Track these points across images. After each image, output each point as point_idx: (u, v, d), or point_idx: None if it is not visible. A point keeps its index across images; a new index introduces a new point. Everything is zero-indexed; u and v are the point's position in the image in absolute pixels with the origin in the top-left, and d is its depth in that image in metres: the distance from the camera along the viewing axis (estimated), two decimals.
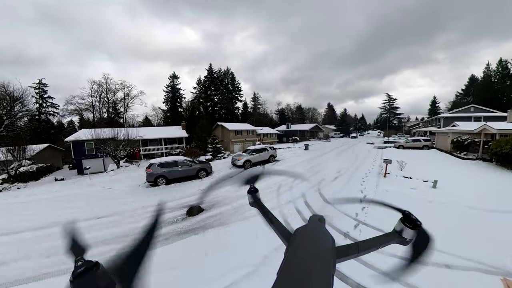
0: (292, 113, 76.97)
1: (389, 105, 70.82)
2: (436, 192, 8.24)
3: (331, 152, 23.50)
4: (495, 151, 12.46)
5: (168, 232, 5.84)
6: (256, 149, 16.82)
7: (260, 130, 38.90)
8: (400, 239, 0.63)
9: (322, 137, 51.38)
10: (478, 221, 5.77)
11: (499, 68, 39.78)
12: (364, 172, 12.42)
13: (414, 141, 24.84)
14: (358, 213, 6.62)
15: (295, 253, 0.50)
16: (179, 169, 12.31)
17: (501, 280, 3.51)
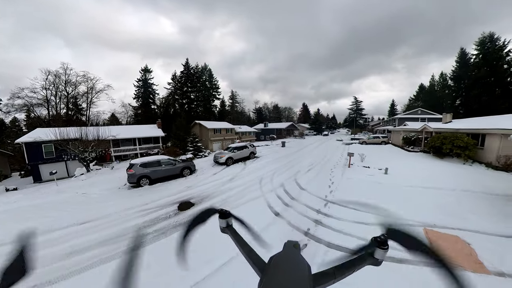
0: (269, 112, 79.40)
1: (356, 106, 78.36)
2: (386, 177, 10.50)
3: (306, 148, 25.70)
4: (431, 145, 15.66)
5: (164, 226, 6.18)
6: (237, 146, 17.67)
7: (238, 128, 39.70)
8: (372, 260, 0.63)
9: (298, 135, 54.58)
10: (413, 194, 7.89)
11: (441, 79, 50.10)
12: (333, 164, 14.50)
13: (375, 137, 28.85)
14: (327, 195, 8.25)
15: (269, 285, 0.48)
16: (163, 168, 12.39)
17: (423, 229, 5.25)
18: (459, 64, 38.75)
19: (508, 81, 31.35)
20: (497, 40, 31.81)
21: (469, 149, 13.21)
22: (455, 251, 4.36)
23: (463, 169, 11.83)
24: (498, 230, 5.15)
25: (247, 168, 14.61)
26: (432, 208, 6.55)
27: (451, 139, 13.93)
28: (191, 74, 47.75)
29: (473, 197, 7.49)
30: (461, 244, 4.60)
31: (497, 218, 5.81)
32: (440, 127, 17.96)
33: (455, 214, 6.09)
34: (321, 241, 5.07)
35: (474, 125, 14.58)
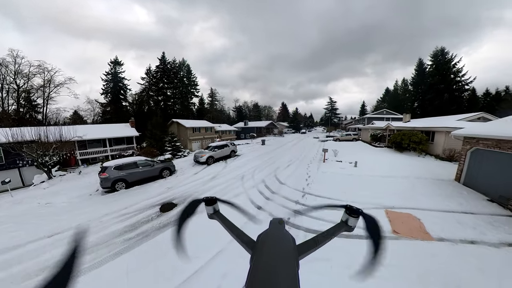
0: (250, 110, 79.71)
1: (331, 106, 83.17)
2: (356, 169, 11.71)
3: (285, 146, 26.66)
4: (393, 141, 17.64)
5: (147, 230, 5.92)
6: (217, 145, 17.58)
7: (218, 127, 39.18)
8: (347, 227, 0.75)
9: (277, 133, 55.92)
10: (377, 183, 9.09)
11: (403, 84, 56.35)
12: (309, 160, 15.45)
13: (347, 135, 31.23)
14: (304, 187, 8.89)
15: (260, 260, 0.51)
16: (140, 170, 11.64)
17: (384, 211, 6.05)
18: (417, 72, 44.58)
19: (454, 88, 37.92)
20: (446, 54, 38.47)
21: (422, 144, 15.46)
22: (408, 226, 5.27)
23: (418, 160, 13.72)
24: (440, 207, 6.33)
25: (228, 166, 14.67)
26: (392, 193, 7.67)
27: (409, 136, 16.03)
28: (168, 69, 44.90)
29: (424, 182, 8.92)
30: (413, 220, 5.59)
31: (440, 198, 7.08)
32: (401, 126, 20.30)
33: (410, 197, 7.23)
34: (300, 227, 5.57)
35: (427, 124, 17.09)
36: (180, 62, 50.70)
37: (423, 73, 42.66)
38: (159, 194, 9.40)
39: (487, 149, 7.48)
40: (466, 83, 37.88)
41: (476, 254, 4.16)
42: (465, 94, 39.56)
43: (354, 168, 11.91)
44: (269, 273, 0.46)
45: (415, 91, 45.45)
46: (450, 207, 6.33)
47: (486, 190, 7.36)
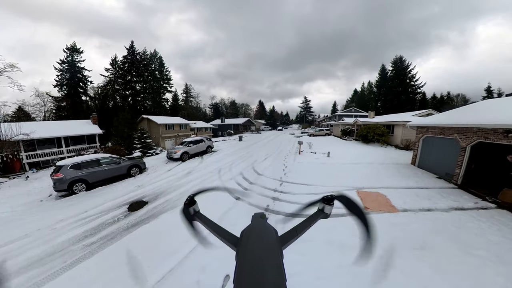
0: (226, 108, 78.32)
1: (306, 105, 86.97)
2: (329, 158, 12.48)
3: (262, 141, 26.90)
4: (360, 134, 19.21)
5: (112, 232, 5.34)
6: (193, 140, 16.75)
7: (193, 124, 37.50)
8: (324, 214, 0.80)
9: (254, 130, 56.26)
10: (348, 169, 9.87)
11: (368, 86, 63.01)
12: (286, 153, 15.85)
13: (320, 130, 33.15)
14: (282, 176, 9.04)
15: (245, 255, 0.52)
16: (104, 168, 10.32)
17: (356, 191, 6.48)
18: (381, 76, 50.37)
19: (409, 91, 44.98)
20: (404, 61, 45.20)
21: (384, 136, 17.33)
22: (377, 202, 5.86)
23: (381, 150, 15.26)
24: (402, 185, 7.25)
25: (204, 161, 14.12)
26: (361, 177, 8.41)
27: (373, 129, 17.79)
28: (137, 61, 40.57)
29: (387, 167, 9.99)
30: (381, 197, 6.22)
31: (400, 178, 8.06)
32: (367, 121, 22.25)
33: (376, 179, 8.04)
34: (279, 213, 5.65)
35: (388, 119, 19.47)
36: (152, 53, 46.49)
37: (385, 77, 48.50)
38: (127, 193, 8.48)
39: (435, 136, 8.70)
40: (418, 87, 45.01)
41: (432, 218, 4.95)
42: (418, 96, 46.34)
43: (327, 158, 12.65)
44: (255, 267, 0.47)
45: (378, 93, 51.28)
46: (409, 185, 7.25)
47: (435, 170, 8.58)
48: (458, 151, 7.28)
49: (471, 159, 7.02)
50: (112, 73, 39.56)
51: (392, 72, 46.47)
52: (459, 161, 7.19)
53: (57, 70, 33.52)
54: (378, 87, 51.01)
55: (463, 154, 7.08)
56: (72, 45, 34.26)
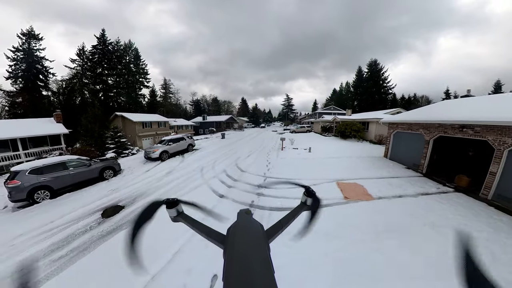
0: (208, 105, 76.32)
1: (288, 103, 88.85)
2: (310, 154, 12.97)
3: (245, 139, 26.88)
4: (338, 130, 20.24)
5: (84, 242, 4.81)
6: (172, 138, 15.93)
7: (173, 122, 35.85)
8: (306, 207, 0.85)
9: (237, 127, 55.93)
10: (328, 162, 10.37)
11: (346, 86, 66.24)
12: (269, 149, 16.06)
13: (301, 127, 34.21)
14: (265, 172, 9.19)
15: (233, 252, 0.52)
16: (72, 172, 9.11)
17: (336, 183, 6.84)
18: (357, 77, 53.79)
19: (382, 92, 49.32)
20: (378, 64, 49.29)
21: (360, 132, 18.55)
22: (355, 192, 6.29)
23: (357, 145, 16.26)
24: (376, 175, 7.85)
25: (185, 160, 13.57)
26: (340, 169, 8.93)
27: (351, 126, 18.96)
28: (109, 52, 36.61)
29: (362, 160, 10.73)
30: (359, 187, 6.69)
31: (375, 169, 8.72)
32: (345, 118, 23.49)
33: (354, 171, 8.60)
34: (264, 208, 5.71)
35: (363, 117, 20.87)
36: (126, 44, 42.64)
37: (361, 78, 52.09)
38: (100, 198, 7.72)
39: (403, 131, 9.55)
40: (390, 88, 49.40)
41: (404, 203, 5.51)
42: (389, 96, 50.58)
43: (309, 153, 13.15)
44: (243, 262, 0.47)
45: (355, 92, 54.80)
46: (383, 175, 7.89)
47: (404, 161, 9.43)
48: (423, 144, 8.09)
49: (434, 151, 7.86)
50: (79, 65, 35.23)
51: (367, 74, 50.27)
52: (424, 153, 8.01)
53: (9, 59, 28.82)
54: (355, 87, 54.56)
55: (427, 146, 7.89)
56: (29, 30, 29.67)
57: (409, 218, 4.73)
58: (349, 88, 61.34)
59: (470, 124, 5.95)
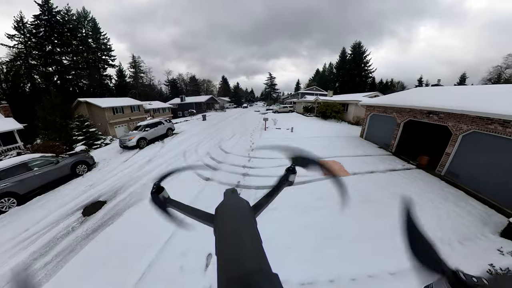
0: (186, 85, 71.39)
1: (271, 82, 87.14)
2: (292, 133, 13.61)
3: (227, 120, 26.49)
4: (320, 111, 20.90)
5: (69, 244, 4.55)
6: (149, 123, 14.75)
7: (148, 105, 33.09)
8: (288, 182, 0.90)
9: (218, 108, 54.20)
10: (309, 141, 11.12)
11: (329, 67, 65.82)
12: (252, 129, 16.33)
13: (284, 107, 34.48)
14: (250, 153, 9.45)
15: (222, 228, 0.56)
16: (37, 173, 8.14)
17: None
18: (341, 58, 53.85)
19: (363, 75, 50.60)
20: (362, 47, 49.34)
21: (340, 113, 19.41)
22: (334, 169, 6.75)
23: (337, 125, 17.17)
24: (352, 154, 8.65)
25: (166, 146, 13.02)
26: (321, 148, 9.63)
27: (331, 107, 19.64)
28: (58, 23, 30.12)
29: (341, 139, 11.54)
30: (337, 164, 7.41)
31: (352, 148, 9.52)
32: (326, 99, 24.14)
33: (333, 149, 9.35)
34: (251, 187, 6.04)
35: (344, 98, 21.58)
36: (80, 13, 35.53)
37: (344, 60, 52.34)
38: (78, 197, 7.21)
39: (379, 113, 10.28)
40: (370, 72, 50.85)
41: (375, 178, 6.31)
42: (369, 80, 52.29)
43: (291, 133, 13.74)
44: (233, 237, 0.51)
45: (337, 74, 55.50)
46: (358, 153, 8.71)
47: (377, 141, 10.35)
48: (394, 127, 8.89)
49: (403, 133, 8.71)
50: (21, 42, 28.66)
51: (350, 56, 50.78)
52: (395, 134, 8.86)
53: None
54: (338, 69, 55.14)
55: (398, 129, 8.70)
56: None
57: (378, 191, 5.45)
58: (332, 69, 61.80)
59: (436, 111, 6.65)
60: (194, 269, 3.43)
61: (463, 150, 5.90)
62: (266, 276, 0.40)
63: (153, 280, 3.35)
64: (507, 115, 4.55)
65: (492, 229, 3.98)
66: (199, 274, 3.34)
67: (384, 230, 3.89)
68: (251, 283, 0.37)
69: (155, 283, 3.31)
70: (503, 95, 5.97)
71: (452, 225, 4.08)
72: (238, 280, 0.39)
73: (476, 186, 5.36)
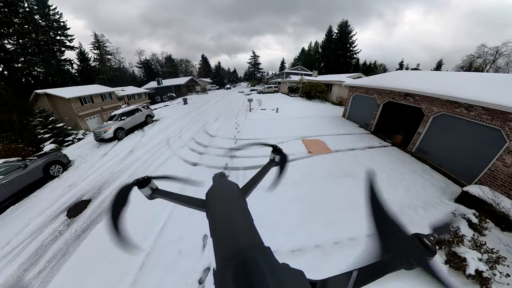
0: (162, 66, 65.73)
1: (254, 61, 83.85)
2: (277, 114, 13.91)
3: (210, 102, 25.70)
4: (304, 91, 21.08)
5: (60, 249, 4.40)
6: (125, 112, 13.55)
7: (121, 91, 30.23)
8: (275, 163, 0.95)
9: (200, 90, 51.85)
10: (294, 122, 11.47)
11: (315, 46, 64.36)
12: (237, 111, 16.23)
13: (268, 88, 34.18)
14: (236, 135, 9.56)
15: (215, 211, 0.58)
16: (4, 181, 7.18)
17: (301, 140, 7.89)
18: (327, 37, 52.81)
19: (348, 55, 50.79)
20: (349, 26, 48.64)
21: (324, 93, 19.81)
22: (317, 147, 7.51)
23: (321, 105, 17.64)
24: (335, 132, 9.29)
25: (147, 134, 12.35)
26: (305, 127, 10.15)
27: (316, 87, 19.87)
28: None
29: (324, 119, 12.12)
30: (320, 143, 7.92)
31: (335, 127, 10.13)
32: (311, 79, 24.21)
33: (316, 129, 9.91)
34: (239, 168, 6.24)
35: (328, 79, 21.73)
36: None
37: (331, 39, 51.57)
38: (58, 199, 6.75)
39: (361, 94, 10.74)
40: (355, 52, 50.97)
41: (355, 155, 6.92)
42: (353, 61, 52.69)
43: (276, 113, 13.98)
44: (226, 219, 0.54)
45: (323, 53, 54.93)
46: (340, 132, 9.36)
47: (358, 121, 10.99)
48: (374, 107, 9.43)
49: (382, 113, 9.31)
50: None
51: (337, 35, 50.16)
52: (374, 114, 9.45)
53: None
54: (324, 48, 54.45)
55: (377, 109, 9.25)
56: None
57: (357, 166, 6.04)
58: (318, 49, 60.77)
59: (412, 93, 7.15)
60: (192, 251, 3.64)
61: (432, 130, 6.56)
62: (259, 250, 0.44)
63: (154, 267, 3.50)
64: (471, 100, 5.07)
65: (449, 197, 4.71)
66: (198, 255, 3.56)
67: (361, 200, 4.40)
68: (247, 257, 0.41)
69: (156, 269, 3.47)
70: (471, 82, 6.57)
71: (418, 194, 4.73)
72: (234, 256, 0.42)
73: (440, 162, 6.13)
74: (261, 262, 0.40)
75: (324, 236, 3.65)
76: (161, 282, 3.21)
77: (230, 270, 0.39)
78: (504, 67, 30.63)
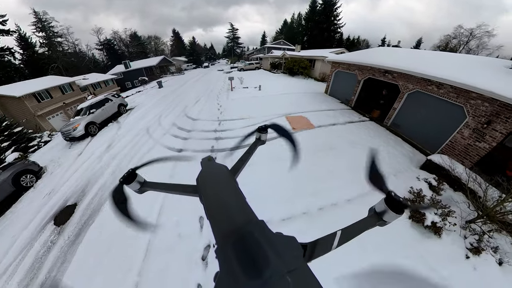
0: (127, 46, 56.82)
1: (233, 34, 78.34)
2: (260, 92, 13.95)
3: (188, 83, 24.36)
4: (287, 67, 20.81)
5: (57, 258, 4.32)
6: (93, 103, 12.14)
7: (83, 80, 26.71)
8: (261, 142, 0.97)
9: (175, 71, 48.36)
10: (277, 99, 11.78)
11: (298, 18, 61.08)
12: (217, 91, 15.79)
13: (250, 64, 33.15)
14: (219, 116, 9.61)
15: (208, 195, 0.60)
16: None
17: (285, 117, 8.27)
18: (311, 8, 49.94)
19: (331, 29, 48.55)
20: None
21: (307, 69, 19.69)
22: (301, 123, 7.96)
23: (304, 82, 17.78)
24: (317, 109, 9.74)
25: (123, 125, 11.47)
26: (288, 104, 10.49)
27: (299, 63, 19.66)
28: None
29: (307, 95, 12.46)
30: (303, 119, 8.33)
31: (316, 103, 10.62)
32: (293, 54, 23.70)
33: (299, 105, 10.30)
34: (225, 149, 6.43)
35: (311, 54, 21.33)
36: None
37: (314, 11, 49.09)
38: (40, 210, 6.26)
39: (343, 71, 10.96)
40: (339, 26, 49.09)
41: (336, 130, 7.46)
42: (337, 35, 51.13)
43: (259, 91, 13.96)
44: (219, 200, 0.57)
45: (306, 26, 52.62)
46: (322, 108, 9.81)
47: (339, 97, 11.42)
48: (355, 83, 9.77)
49: (362, 89, 9.70)
50: None
51: (321, 6, 47.69)
52: (355, 90, 9.83)
53: None
54: (307, 20, 51.97)
55: (358, 85, 9.61)
56: None
57: (338, 140, 6.63)
58: (301, 21, 58.21)
59: (391, 71, 7.51)
60: (191, 233, 3.88)
61: (406, 106, 7.13)
62: (254, 225, 0.47)
63: (158, 253, 3.69)
64: (442, 78, 5.50)
65: (415, 164, 5.45)
66: (197, 236, 3.83)
67: (342, 169, 5.07)
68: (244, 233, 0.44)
69: (160, 255, 3.66)
70: (444, 62, 7.04)
71: (390, 163, 5.39)
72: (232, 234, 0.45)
73: (411, 134, 6.86)
74: (257, 235, 0.43)
75: (310, 204, 4.18)
76: (167, 265, 3.46)
77: (231, 247, 0.42)
78: (475, 49, 32.52)
